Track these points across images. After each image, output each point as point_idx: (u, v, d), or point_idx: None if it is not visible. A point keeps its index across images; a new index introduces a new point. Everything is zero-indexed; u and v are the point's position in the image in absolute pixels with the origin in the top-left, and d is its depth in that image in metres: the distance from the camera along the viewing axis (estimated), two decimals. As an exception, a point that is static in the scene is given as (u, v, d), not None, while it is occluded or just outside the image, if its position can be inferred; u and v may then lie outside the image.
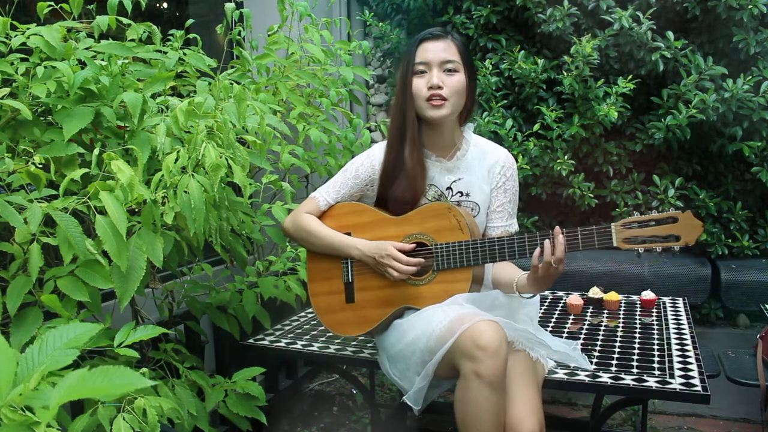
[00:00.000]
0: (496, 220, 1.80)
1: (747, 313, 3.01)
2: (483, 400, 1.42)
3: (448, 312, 1.55)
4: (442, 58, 1.66)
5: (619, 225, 1.52)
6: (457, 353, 1.46)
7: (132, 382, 0.75)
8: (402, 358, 1.63)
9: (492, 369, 1.41)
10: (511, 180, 1.81)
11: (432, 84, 1.65)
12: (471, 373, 1.42)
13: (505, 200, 1.80)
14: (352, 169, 1.81)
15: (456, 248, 1.66)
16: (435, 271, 1.69)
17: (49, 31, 1.43)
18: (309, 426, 2.69)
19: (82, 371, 0.75)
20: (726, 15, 2.74)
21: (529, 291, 1.66)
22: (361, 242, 1.73)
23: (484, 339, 1.41)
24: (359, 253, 1.72)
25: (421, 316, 1.62)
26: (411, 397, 1.59)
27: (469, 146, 1.80)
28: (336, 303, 1.81)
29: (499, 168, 1.79)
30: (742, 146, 2.79)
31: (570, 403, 2.91)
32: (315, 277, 1.85)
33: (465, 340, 1.43)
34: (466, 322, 1.46)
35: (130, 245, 1.32)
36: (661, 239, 1.50)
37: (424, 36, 1.69)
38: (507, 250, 1.62)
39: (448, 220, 1.68)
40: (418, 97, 1.68)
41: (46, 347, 0.84)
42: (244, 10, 2.30)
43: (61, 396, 0.73)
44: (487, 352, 1.41)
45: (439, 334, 1.50)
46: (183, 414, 1.50)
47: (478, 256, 1.64)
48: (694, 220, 1.48)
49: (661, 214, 1.50)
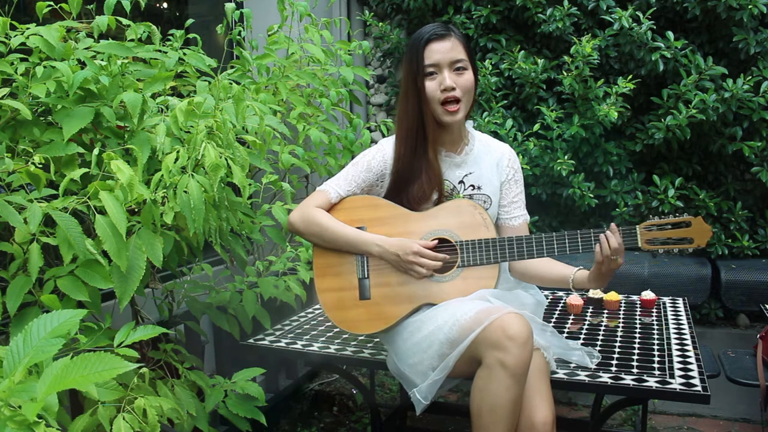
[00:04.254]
0: (515, 210, 1.84)
1: (747, 313, 3.01)
2: (504, 390, 1.43)
3: (474, 304, 1.56)
4: (451, 58, 1.66)
5: (642, 227, 1.62)
6: (483, 343, 1.46)
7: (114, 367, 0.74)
8: (416, 352, 1.61)
9: (519, 359, 1.42)
10: (519, 171, 1.87)
11: (446, 86, 1.65)
12: (496, 363, 1.43)
13: (518, 190, 1.86)
14: (363, 161, 1.78)
15: (483, 245, 1.66)
16: (460, 267, 1.68)
17: (48, 31, 1.43)
18: (309, 426, 2.69)
19: (64, 360, 0.74)
20: (726, 15, 2.74)
21: (590, 287, 1.70)
22: (381, 239, 1.69)
23: (513, 329, 1.43)
24: (380, 250, 1.68)
25: (442, 308, 1.62)
26: (423, 390, 1.57)
27: (474, 141, 1.82)
28: (348, 299, 1.75)
29: (507, 161, 1.84)
30: (742, 146, 2.79)
31: (570, 403, 2.91)
32: (323, 273, 1.78)
33: (494, 329, 1.45)
34: (494, 314, 1.48)
35: (130, 245, 1.32)
36: (677, 241, 1.62)
37: (429, 36, 1.67)
38: (535, 248, 1.65)
39: (472, 216, 1.68)
40: (432, 100, 1.68)
41: (31, 338, 0.82)
42: (244, 10, 2.30)
43: (48, 387, 0.72)
44: (516, 342, 1.42)
45: (464, 324, 1.50)
46: (183, 414, 1.50)
47: (506, 254, 1.65)
48: (704, 224, 1.60)
49: (677, 219, 1.62)
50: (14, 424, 0.76)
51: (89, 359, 0.75)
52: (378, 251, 1.69)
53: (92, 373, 0.74)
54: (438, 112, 1.69)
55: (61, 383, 0.72)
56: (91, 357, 0.75)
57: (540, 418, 1.47)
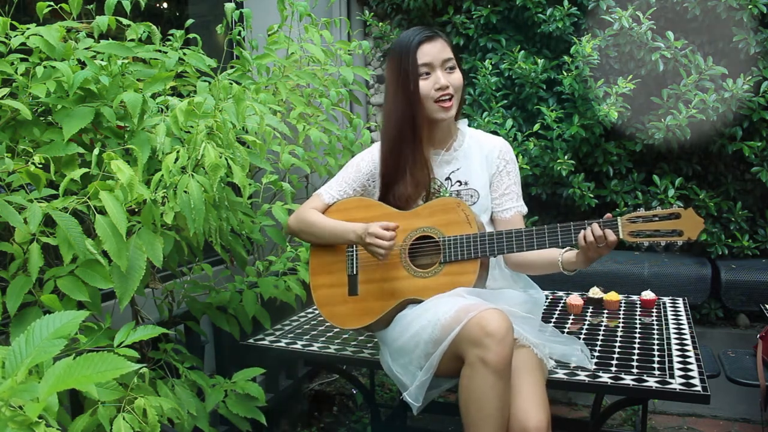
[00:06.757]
0: (507, 202, 1.84)
1: (747, 313, 3.01)
2: (488, 387, 1.43)
3: (453, 302, 1.56)
4: (442, 58, 1.72)
5: (625, 219, 1.58)
6: (463, 341, 1.47)
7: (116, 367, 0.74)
8: (405, 352, 1.63)
9: (499, 355, 1.42)
10: (512, 163, 1.87)
11: (441, 85, 1.70)
12: (477, 360, 1.44)
13: (510, 182, 1.85)
14: (353, 164, 1.87)
15: (464, 240, 1.68)
16: (442, 263, 1.70)
17: (48, 31, 1.43)
18: (309, 426, 2.69)
19: (66, 361, 0.74)
20: (726, 15, 2.74)
21: (578, 267, 1.68)
22: (357, 226, 1.73)
23: (492, 326, 1.43)
24: (355, 236, 1.73)
25: (424, 307, 1.64)
26: (412, 393, 1.58)
27: (464, 137, 1.86)
28: (338, 295, 1.82)
29: (497, 153, 1.85)
30: (742, 146, 2.79)
31: (570, 403, 2.91)
32: (317, 271, 1.86)
33: (473, 326, 1.45)
34: (473, 311, 1.48)
35: (130, 245, 1.32)
36: (665, 234, 1.56)
37: (420, 39, 1.72)
38: (515, 242, 1.66)
39: (456, 214, 1.71)
40: (426, 98, 1.72)
41: (33, 338, 0.82)
42: (244, 10, 2.30)
43: (50, 387, 0.72)
44: (494, 338, 1.42)
45: (445, 323, 1.51)
46: (183, 414, 1.50)
47: (486, 248, 1.67)
48: (696, 216, 1.53)
49: (665, 210, 1.56)
50: (15, 424, 0.76)
51: (91, 359, 0.75)
52: (354, 237, 1.73)
53: (94, 373, 0.73)
54: (433, 110, 1.73)
55: (63, 383, 0.72)
56: (93, 357, 0.75)
57: (533, 423, 1.45)
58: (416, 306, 1.69)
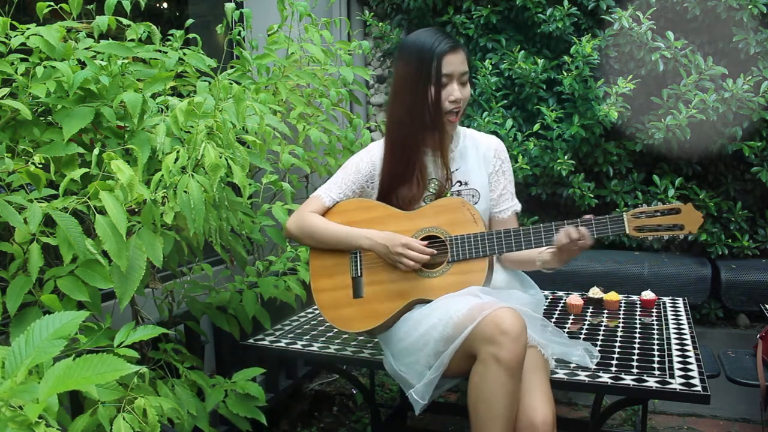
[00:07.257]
0: (504, 202, 1.87)
1: (747, 313, 3.01)
2: (499, 385, 1.44)
3: (465, 301, 1.57)
4: (461, 71, 1.72)
5: (630, 214, 1.63)
6: (477, 339, 1.47)
7: (116, 369, 0.74)
8: (412, 351, 1.62)
9: (513, 353, 1.43)
10: (506, 162, 1.89)
11: (455, 98, 1.70)
12: (490, 358, 1.44)
13: (506, 182, 1.88)
14: (352, 164, 1.84)
15: (471, 239, 1.69)
16: (449, 262, 1.70)
17: (48, 31, 1.43)
18: (309, 426, 2.69)
19: (66, 362, 0.74)
20: (726, 15, 2.74)
21: (554, 266, 1.72)
22: (371, 232, 1.73)
23: (506, 323, 1.44)
24: (370, 243, 1.72)
25: (435, 306, 1.63)
26: (419, 390, 1.58)
27: (460, 137, 1.86)
28: (342, 298, 1.79)
29: (493, 152, 1.86)
30: (742, 146, 2.79)
31: (570, 403, 2.91)
32: (318, 274, 1.83)
33: (488, 324, 1.46)
34: (487, 309, 1.49)
35: (130, 245, 1.32)
36: (667, 228, 1.62)
37: (446, 47, 1.68)
38: (523, 240, 1.67)
39: (462, 213, 1.72)
40: (442, 108, 1.71)
41: (33, 339, 0.82)
42: (244, 10, 2.30)
43: (50, 388, 0.72)
44: (509, 336, 1.43)
45: (458, 321, 1.52)
46: (183, 414, 1.50)
47: (494, 246, 1.68)
48: (695, 211, 1.61)
49: (666, 206, 1.63)
50: (15, 424, 0.76)
51: (91, 360, 0.75)
52: (368, 243, 1.72)
53: (94, 374, 0.73)
54: (442, 120, 1.73)
55: (63, 384, 0.72)
56: (93, 358, 0.75)
57: (540, 418, 1.47)
58: (424, 306, 1.68)
